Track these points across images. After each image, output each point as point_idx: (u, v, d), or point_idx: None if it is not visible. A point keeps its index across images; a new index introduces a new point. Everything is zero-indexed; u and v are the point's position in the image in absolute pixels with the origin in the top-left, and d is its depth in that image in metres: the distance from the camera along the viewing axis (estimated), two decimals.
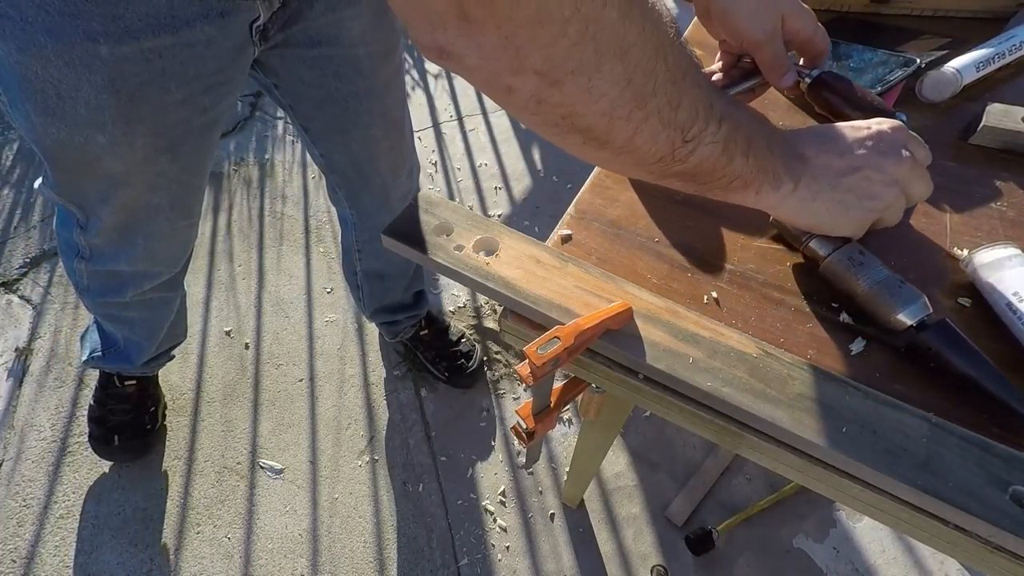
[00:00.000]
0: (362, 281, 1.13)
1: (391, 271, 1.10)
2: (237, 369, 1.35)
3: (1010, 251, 0.45)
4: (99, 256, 0.85)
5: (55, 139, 0.62)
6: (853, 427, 0.38)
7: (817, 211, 0.43)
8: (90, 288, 0.93)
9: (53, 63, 0.54)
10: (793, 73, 0.54)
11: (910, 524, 0.38)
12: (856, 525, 1.06)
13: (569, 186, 1.64)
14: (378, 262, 1.08)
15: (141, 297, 0.93)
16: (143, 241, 0.81)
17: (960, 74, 0.59)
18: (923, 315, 0.41)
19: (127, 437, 1.18)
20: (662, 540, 1.07)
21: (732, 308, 0.47)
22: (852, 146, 0.42)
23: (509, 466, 1.18)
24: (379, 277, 1.11)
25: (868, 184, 0.42)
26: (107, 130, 0.61)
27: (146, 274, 0.90)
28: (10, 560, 1.10)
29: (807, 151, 0.42)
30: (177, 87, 0.61)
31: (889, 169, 0.42)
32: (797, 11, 0.51)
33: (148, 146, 0.65)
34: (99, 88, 0.56)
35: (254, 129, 1.91)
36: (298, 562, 1.09)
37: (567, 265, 0.48)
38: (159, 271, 0.91)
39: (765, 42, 0.51)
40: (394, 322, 1.22)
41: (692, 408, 0.42)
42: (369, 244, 1.04)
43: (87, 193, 0.72)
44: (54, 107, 0.58)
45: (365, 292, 1.15)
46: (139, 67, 0.56)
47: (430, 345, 1.28)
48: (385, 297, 1.16)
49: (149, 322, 1.04)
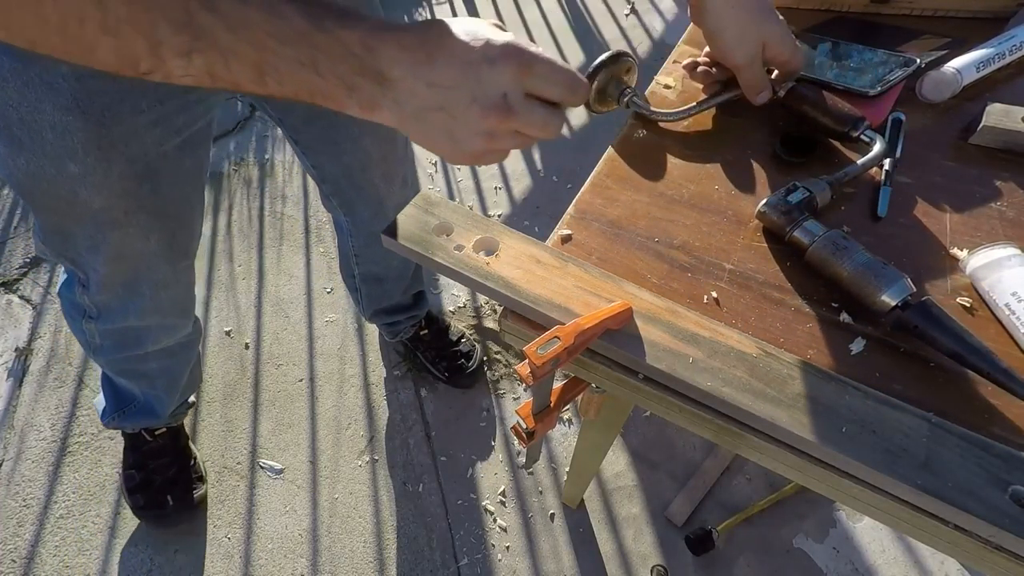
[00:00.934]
0: (360, 284, 1.11)
1: (389, 274, 1.10)
2: (237, 369, 1.35)
3: (1009, 251, 0.45)
4: (107, 314, 0.82)
5: (25, 171, 0.58)
6: (853, 427, 0.38)
7: (425, 134, 0.39)
8: (103, 347, 0.89)
9: (10, 83, 0.50)
10: (768, 92, 0.58)
11: (910, 524, 0.38)
12: (856, 525, 1.06)
13: (569, 186, 1.64)
14: (376, 266, 1.07)
15: (160, 347, 0.91)
16: (148, 291, 0.78)
17: (960, 74, 0.59)
18: (906, 295, 0.42)
19: (180, 495, 1.08)
20: (662, 540, 1.07)
21: (732, 308, 0.47)
22: (445, 75, 0.36)
23: (509, 466, 1.18)
24: (377, 280, 1.10)
25: (453, 126, 0.38)
26: (78, 157, 0.57)
27: (161, 327, 0.87)
28: (10, 560, 1.10)
29: (394, 71, 0.36)
30: (148, 106, 0.57)
31: (472, 120, 0.38)
32: (779, 40, 0.55)
33: (125, 175, 0.61)
34: (63, 109, 0.53)
35: (254, 129, 1.91)
36: (298, 562, 1.09)
37: (567, 265, 0.48)
38: (172, 323, 0.88)
39: (746, 67, 0.56)
40: (394, 323, 1.22)
41: (692, 408, 0.42)
42: (366, 249, 1.03)
43: (75, 240, 0.69)
44: (18, 134, 0.54)
45: (363, 295, 1.14)
46: (104, 84, 0.53)
47: (430, 345, 1.28)
48: (384, 299, 1.15)
49: (170, 371, 1.00)
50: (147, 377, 0.98)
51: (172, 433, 1.13)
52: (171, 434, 1.13)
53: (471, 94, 0.37)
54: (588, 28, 2.12)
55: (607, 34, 2.08)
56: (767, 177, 0.57)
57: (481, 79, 0.37)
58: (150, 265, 0.75)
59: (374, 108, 0.37)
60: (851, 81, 0.61)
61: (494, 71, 0.37)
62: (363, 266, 1.07)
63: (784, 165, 0.58)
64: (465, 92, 0.37)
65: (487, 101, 0.37)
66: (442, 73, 0.36)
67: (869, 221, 0.52)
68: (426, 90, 0.37)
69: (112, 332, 0.85)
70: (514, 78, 0.37)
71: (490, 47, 0.37)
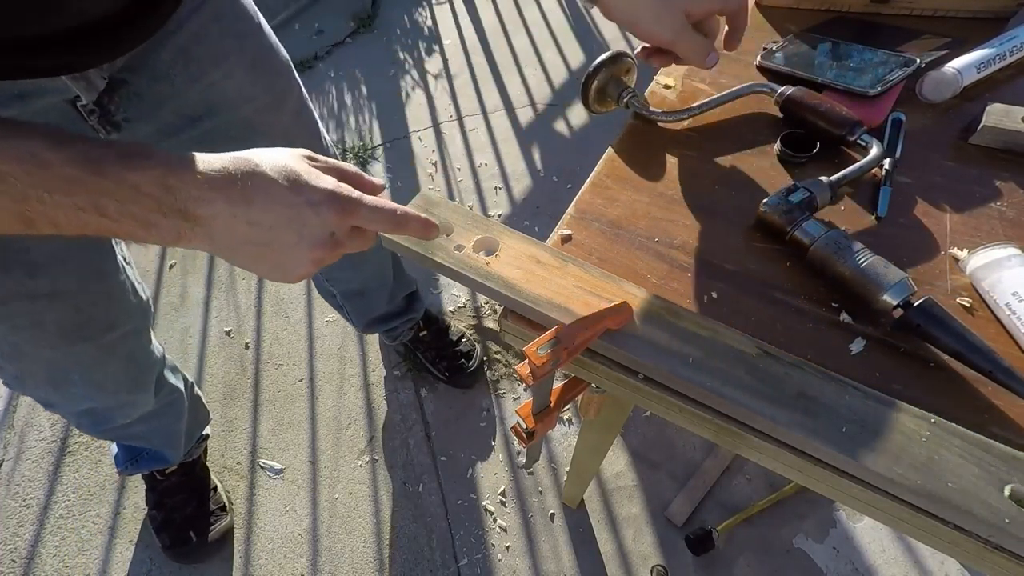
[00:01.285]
0: (343, 302, 1.08)
1: (368, 285, 1.05)
2: (237, 369, 1.35)
3: (1009, 251, 0.45)
4: (52, 405, 0.77)
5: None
6: (853, 427, 0.38)
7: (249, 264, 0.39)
8: (80, 424, 0.85)
9: None
10: (714, 55, 0.55)
11: (910, 524, 0.38)
12: (856, 525, 1.06)
13: (569, 186, 1.64)
14: (351, 282, 1.02)
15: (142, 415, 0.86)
16: (78, 377, 0.71)
17: (960, 74, 0.59)
18: (908, 294, 0.42)
19: (201, 529, 1.08)
20: (662, 540, 1.07)
21: (732, 308, 0.47)
22: (266, 216, 0.36)
23: (509, 466, 1.18)
24: (359, 294, 1.06)
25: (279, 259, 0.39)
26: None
27: (119, 405, 0.81)
28: (10, 560, 1.10)
29: (201, 209, 0.35)
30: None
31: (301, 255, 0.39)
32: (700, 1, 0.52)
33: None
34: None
35: None
36: (298, 562, 1.09)
37: (567, 265, 0.48)
38: (126, 400, 0.81)
39: (675, 40, 0.53)
40: (390, 329, 1.21)
41: (692, 408, 0.42)
42: (334, 272, 0.98)
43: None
44: None
45: (349, 311, 1.11)
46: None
47: (430, 345, 1.28)
48: (372, 310, 1.12)
49: (163, 430, 0.97)
50: (141, 438, 0.95)
51: (184, 469, 1.11)
52: (183, 470, 1.11)
53: (297, 234, 0.37)
54: (588, 28, 2.12)
55: (607, 34, 2.08)
56: (767, 177, 0.57)
57: (306, 222, 0.37)
58: (63, 351, 0.66)
59: (180, 240, 0.36)
60: (851, 81, 0.61)
61: (319, 216, 0.38)
62: (339, 285, 1.03)
63: (784, 165, 0.58)
64: (291, 232, 0.37)
65: (314, 240, 0.38)
66: (263, 215, 0.36)
67: (869, 221, 0.52)
68: (247, 228, 0.36)
69: (75, 415, 0.80)
70: (339, 221, 0.39)
71: (313, 192, 0.38)
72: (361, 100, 1.98)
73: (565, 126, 1.81)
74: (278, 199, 0.37)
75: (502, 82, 1.97)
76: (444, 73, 2.03)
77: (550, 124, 1.82)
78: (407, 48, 2.14)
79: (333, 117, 1.94)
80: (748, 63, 0.69)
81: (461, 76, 2.01)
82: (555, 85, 1.93)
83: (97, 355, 0.71)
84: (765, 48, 0.68)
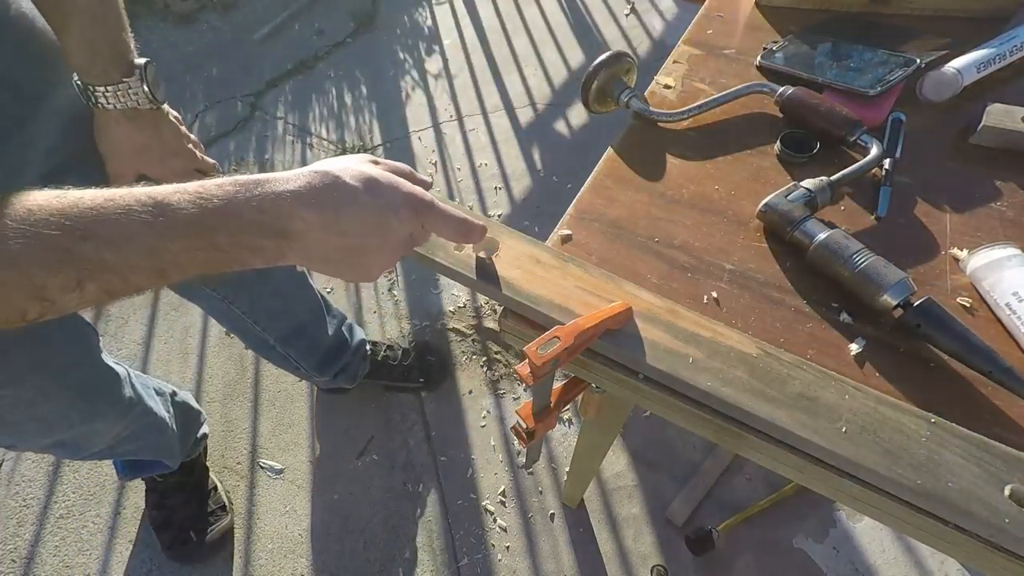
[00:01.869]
0: (285, 349, 1.01)
1: (300, 317, 0.99)
2: (237, 369, 1.35)
3: (1009, 251, 0.45)
4: (12, 445, 0.76)
5: None
6: (853, 427, 0.38)
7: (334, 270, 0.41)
8: (58, 455, 0.83)
9: None
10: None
11: (910, 524, 0.38)
12: (856, 525, 1.06)
13: (569, 186, 1.64)
14: (282, 319, 0.95)
15: (117, 439, 0.85)
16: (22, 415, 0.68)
17: (960, 74, 0.59)
18: (908, 294, 0.42)
19: (201, 529, 1.08)
20: (662, 540, 1.07)
21: (732, 308, 0.47)
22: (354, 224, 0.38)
23: (509, 466, 1.18)
24: (297, 333, 0.99)
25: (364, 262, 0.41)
26: None
27: (84, 435, 0.79)
28: (10, 560, 1.10)
29: (295, 225, 0.37)
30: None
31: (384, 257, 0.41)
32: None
33: None
34: None
35: (254, 129, 1.91)
36: (298, 562, 1.09)
37: (567, 265, 0.48)
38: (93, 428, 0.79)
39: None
40: (346, 366, 1.16)
41: (692, 408, 0.42)
42: (256, 309, 0.91)
43: None
44: None
45: (296, 356, 1.03)
46: None
47: (393, 367, 1.25)
48: (318, 347, 1.06)
49: (151, 444, 0.95)
50: (132, 454, 0.94)
51: (184, 469, 1.11)
52: (183, 471, 1.10)
53: (382, 238, 0.40)
54: (588, 28, 2.12)
55: (607, 34, 2.08)
56: (767, 177, 0.57)
57: (390, 225, 0.40)
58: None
59: (281, 259, 0.38)
60: (851, 81, 0.61)
61: (399, 219, 0.40)
62: (270, 328, 0.95)
63: (784, 165, 0.58)
64: (375, 237, 0.39)
65: (397, 241, 0.41)
66: (351, 223, 0.38)
67: (869, 221, 0.52)
68: (337, 238, 0.38)
69: (44, 448, 0.78)
70: (416, 223, 0.42)
71: (392, 195, 0.40)
72: (361, 100, 1.98)
73: (565, 126, 1.81)
74: (363, 206, 0.38)
75: (502, 82, 1.97)
76: (444, 73, 2.03)
77: (550, 124, 1.82)
78: (407, 48, 2.14)
79: (333, 117, 1.94)
80: (748, 63, 0.69)
81: (461, 76, 2.01)
82: (555, 85, 1.93)
83: (32, 395, 0.67)
84: (765, 48, 0.68)
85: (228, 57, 2.14)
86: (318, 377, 1.12)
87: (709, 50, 0.71)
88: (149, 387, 0.94)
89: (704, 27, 0.75)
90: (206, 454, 1.19)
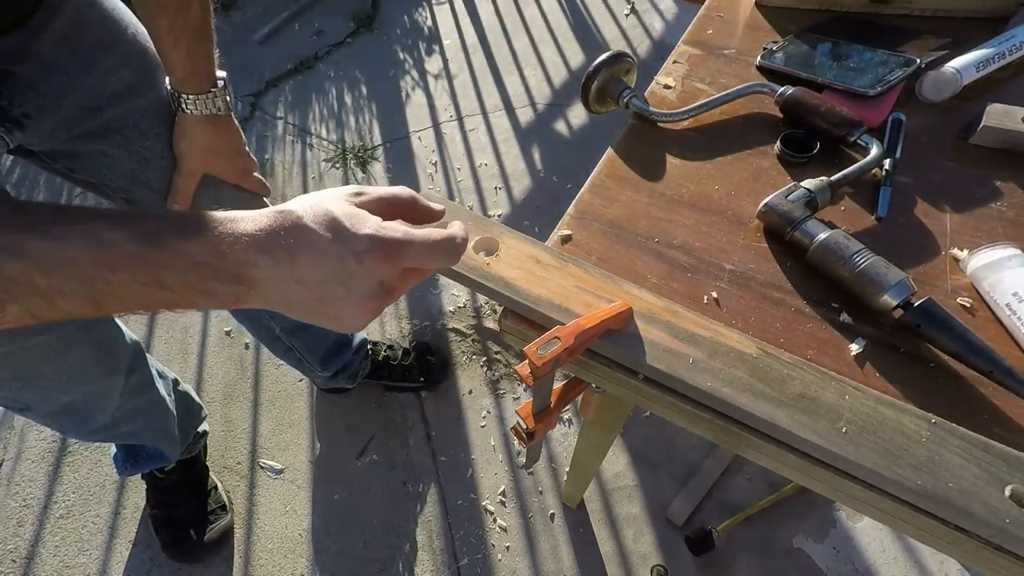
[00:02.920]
0: (290, 340, 1.02)
1: None
2: (237, 369, 1.35)
3: (1010, 251, 0.45)
4: (27, 407, 0.76)
5: None
6: (853, 427, 0.38)
7: (304, 317, 0.38)
8: (64, 427, 0.85)
9: None
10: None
11: (910, 524, 0.38)
12: (856, 525, 1.06)
13: (569, 186, 1.64)
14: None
15: (120, 413, 0.86)
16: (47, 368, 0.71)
17: (960, 74, 0.59)
18: (908, 294, 0.42)
19: (201, 527, 1.08)
20: (662, 540, 1.07)
21: (732, 308, 0.47)
22: (312, 273, 0.35)
23: (509, 466, 1.18)
24: (302, 325, 0.99)
25: (333, 312, 0.37)
26: None
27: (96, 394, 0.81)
28: (10, 560, 1.10)
29: (251, 272, 0.34)
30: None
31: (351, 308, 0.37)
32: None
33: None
34: None
35: (254, 129, 1.91)
36: (298, 562, 1.09)
37: (567, 265, 0.48)
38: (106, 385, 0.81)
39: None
40: (348, 364, 1.16)
41: (692, 408, 0.42)
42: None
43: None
44: None
45: (300, 349, 1.04)
46: None
47: (393, 367, 1.26)
48: (322, 341, 1.07)
49: (152, 427, 0.96)
50: (133, 436, 0.94)
51: (184, 466, 1.11)
52: (183, 469, 1.10)
53: (344, 287, 0.36)
54: (588, 28, 2.12)
55: (607, 34, 2.08)
56: (767, 177, 0.57)
57: (352, 274, 0.35)
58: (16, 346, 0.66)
59: (238, 303, 0.36)
60: (851, 81, 0.61)
61: (363, 267, 0.35)
62: (278, 317, 0.97)
63: (784, 165, 0.58)
64: (338, 286, 0.36)
65: (363, 292, 0.36)
66: (309, 271, 0.35)
67: (869, 221, 0.52)
68: (295, 286, 0.35)
69: (53, 416, 0.80)
70: (386, 268, 0.36)
71: (355, 242, 0.35)
72: (361, 100, 1.98)
73: (565, 126, 1.81)
74: (321, 252, 0.35)
75: (502, 82, 1.97)
76: (444, 73, 2.03)
77: (550, 124, 1.82)
78: (407, 48, 2.14)
79: (333, 117, 1.94)
80: (748, 63, 0.69)
81: (461, 76, 2.01)
82: (555, 85, 1.93)
83: (60, 345, 0.71)
84: (765, 48, 0.68)
85: (228, 57, 2.14)
86: (320, 372, 1.12)
87: (709, 50, 0.71)
88: (153, 366, 0.96)
89: (704, 27, 0.75)
90: (206, 453, 1.19)
